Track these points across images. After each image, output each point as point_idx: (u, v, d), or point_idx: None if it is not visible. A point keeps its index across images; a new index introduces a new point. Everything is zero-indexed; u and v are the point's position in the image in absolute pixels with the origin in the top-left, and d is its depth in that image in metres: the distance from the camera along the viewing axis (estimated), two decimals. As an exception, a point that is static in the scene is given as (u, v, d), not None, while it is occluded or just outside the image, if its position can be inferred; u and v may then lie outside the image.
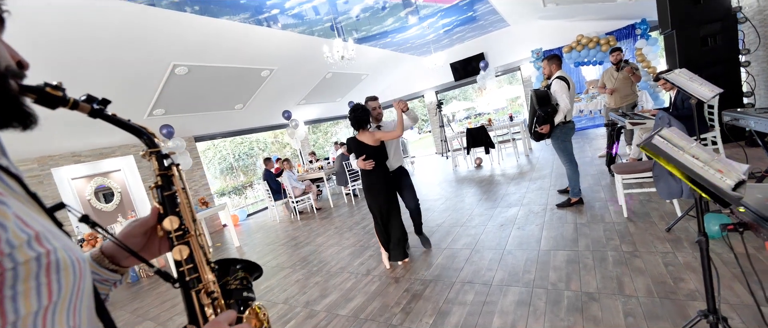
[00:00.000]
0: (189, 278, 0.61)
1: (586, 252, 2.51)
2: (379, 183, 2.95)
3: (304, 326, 2.44)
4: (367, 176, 2.99)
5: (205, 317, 0.60)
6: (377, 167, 2.94)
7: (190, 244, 0.62)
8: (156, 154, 0.62)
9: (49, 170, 4.96)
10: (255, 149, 13.60)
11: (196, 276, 0.61)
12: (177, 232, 0.62)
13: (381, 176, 2.95)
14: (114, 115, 0.58)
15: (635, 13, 6.75)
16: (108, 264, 0.62)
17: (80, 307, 0.45)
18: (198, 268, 0.62)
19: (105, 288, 0.63)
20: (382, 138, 2.90)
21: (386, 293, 2.62)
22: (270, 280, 3.51)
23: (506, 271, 2.51)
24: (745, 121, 2.59)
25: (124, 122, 0.60)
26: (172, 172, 0.67)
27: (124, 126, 0.60)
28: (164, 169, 0.63)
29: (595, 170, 4.63)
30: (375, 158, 2.91)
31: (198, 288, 0.60)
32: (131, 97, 4.77)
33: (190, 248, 0.62)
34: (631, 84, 4.80)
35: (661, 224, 2.65)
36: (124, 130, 0.61)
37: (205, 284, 0.61)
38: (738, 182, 1.24)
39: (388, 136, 2.90)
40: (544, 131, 3.34)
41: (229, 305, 0.65)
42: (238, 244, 5.36)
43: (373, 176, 2.95)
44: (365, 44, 7.06)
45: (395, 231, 3.01)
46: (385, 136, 2.90)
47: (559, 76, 3.35)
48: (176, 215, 0.63)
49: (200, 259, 0.63)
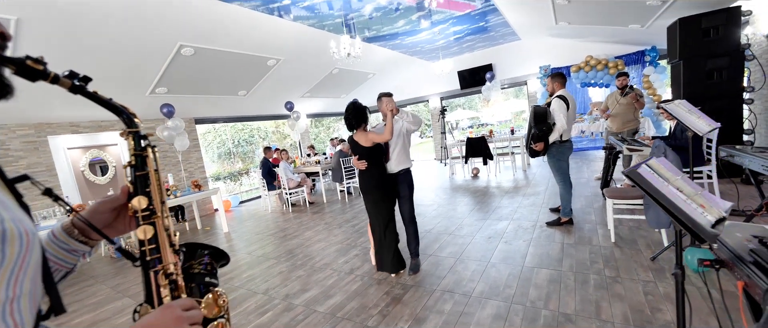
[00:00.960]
0: (150, 258, 0.61)
1: (569, 273, 2.51)
2: (371, 184, 2.86)
3: (280, 318, 2.44)
4: (362, 176, 2.92)
5: (160, 299, 0.60)
6: (371, 168, 2.84)
7: (155, 225, 0.63)
8: (134, 134, 0.63)
9: (45, 138, 4.96)
10: (255, 137, 13.60)
11: (157, 256, 0.61)
12: (144, 212, 0.62)
13: (375, 178, 2.85)
14: (95, 93, 0.58)
15: (646, 39, 6.75)
16: (77, 236, 0.63)
17: (22, 278, 0.45)
18: (160, 249, 0.62)
19: (73, 258, 0.63)
20: (375, 140, 2.79)
21: (366, 294, 2.61)
22: (254, 269, 3.50)
23: (488, 284, 2.51)
24: (740, 159, 2.59)
25: (105, 100, 0.60)
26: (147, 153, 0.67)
27: (105, 104, 0.60)
28: (140, 149, 0.64)
29: (590, 191, 4.63)
30: (368, 159, 2.82)
31: (157, 268, 0.61)
32: (135, 73, 4.77)
33: (155, 229, 0.62)
34: (634, 110, 4.80)
35: (647, 252, 2.65)
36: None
37: (165, 266, 0.61)
38: (718, 218, 1.24)
39: (379, 138, 2.78)
40: (538, 148, 3.34)
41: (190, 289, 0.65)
42: (226, 230, 5.36)
43: (366, 176, 2.87)
44: (375, 43, 7.07)
45: (387, 239, 2.86)
46: (377, 138, 2.78)
47: (559, 95, 3.35)
48: (145, 196, 0.63)
49: (163, 241, 0.63)
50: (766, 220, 2.70)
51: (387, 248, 2.86)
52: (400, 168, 2.93)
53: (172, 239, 0.65)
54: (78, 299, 3.33)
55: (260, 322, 2.43)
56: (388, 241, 2.86)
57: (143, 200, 0.62)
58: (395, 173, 2.93)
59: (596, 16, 5.58)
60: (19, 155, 4.71)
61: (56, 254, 0.62)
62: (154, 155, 0.67)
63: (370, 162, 2.83)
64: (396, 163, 2.92)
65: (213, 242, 4.72)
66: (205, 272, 0.70)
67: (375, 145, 2.83)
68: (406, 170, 2.96)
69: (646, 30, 5.75)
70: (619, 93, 4.86)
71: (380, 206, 2.85)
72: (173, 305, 0.57)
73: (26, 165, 4.78)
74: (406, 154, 2.97)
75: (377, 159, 2.87)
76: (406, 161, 2.96)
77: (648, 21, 5.21)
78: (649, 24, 5.32)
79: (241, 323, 2.45)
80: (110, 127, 5.70)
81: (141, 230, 0.61)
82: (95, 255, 5.03)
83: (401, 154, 2.93)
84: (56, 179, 5.06)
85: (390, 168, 2.93)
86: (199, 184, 5.14)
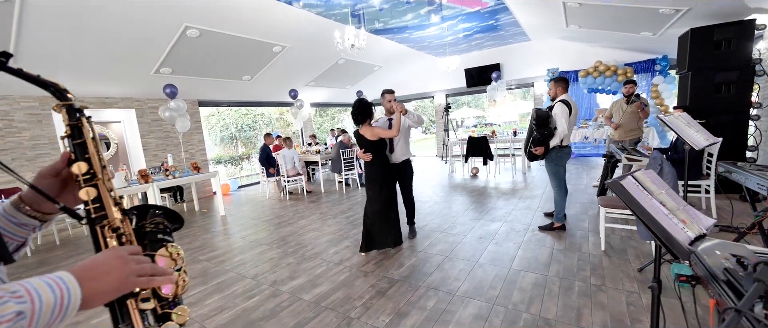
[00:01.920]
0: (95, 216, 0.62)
1: (554, 278, 2.51)
2: (376, 174, 3.19)
3: (266, 303, 2.47)
4: (368, 166, 3.25)
5: None
6: (375, 159, 3.17)
7: (97, 186, 0.64)
8: (67, 107, 0.63)
9: (49, 111, 5.01)
10: (259, 123, 13.61)
11: (102, 214, 0.62)
12: (85, 176, 0.63)
13: (378, 168, 3.18)
14: (20, 69, 0.58)
15: (657, 48, 6.63)
16: (25, 209, 0.64)
17: None
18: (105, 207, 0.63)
19: (24, 232, 0.65)
20: (381, 135, 3.10)
21: (352, 285, 2.64)
22: (245, 254, 3.55)
23: (473, 283, 2.53)
24: (738, 176, 2.56)
25: (32, 76, 0.60)
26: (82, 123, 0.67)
27: (32, 80, 0.60)
28: (74, 120, 0.64)
29: (586, 198, 4.61)
30: (373, 152, 3.15)
31: (103, 224, 0.62)
32: (140, 52, 4.78)
33: (97, 189, 0.63)
34: (638, 119, 4.74)
35: (635, 263, 2.65)
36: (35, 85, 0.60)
37: (110, 221, 0.62)
38: (698, 235, 1.24)
39: (385, 134, 3.10)
40: (538, 153, 3.32)
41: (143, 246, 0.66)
42: (223, 213, 5.42)
43: (372, 167, 3.20)
44: (382, 36, 7.01)
45: (388, 219, 3.18)
46: (382, 133, 3.10)
47: (562, 99, 3.32)
48: (85, 161, 0.64)
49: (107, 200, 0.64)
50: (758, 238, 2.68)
51: (392, 225, 3.21)
52: (403, 158, 3.41)
53: (116, 199, 0.66)
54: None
55: (246, 306, 2.47)
56: (392, 220, 3.21)
57: (83, 166, 0.63)
58: (399, 163, 3.40)
59: (608, 21, 5.48)
60: (22, 127, 4.77)
61: (6, 228, 0.64)
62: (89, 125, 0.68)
63: (374, 154, 3.16)
64: (399, 154, 3.38)
65: (209, 225, 4.80)
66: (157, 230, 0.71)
67: (379, 139, 3.14)
68: (407, 160, 3.46)
69: (657, 38, 5.65)
70: (625, 101, 4.80)
71: (384, 192, 3.18)
72: (118, 247, 0.58)
73: (29, 137, 4.84)
74: (407, 146, 3.46)
75: (381, 151, 3.20)
76: (407, 153, 3.45)
77: (660, 29, 5.11)
78: (661, 32, 5.22)
79: (227, 305, 2.49)
80: (114, 104, 5.74)
81: (83, 191, 0.62)
82: (93, 229, 5.12)
83: (403, 146, 3.40)
84: (58, 152, 5.12)
85: (393, 159, 3.37)
86: (198, 166, 5.18)
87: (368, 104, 3.18)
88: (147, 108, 6.13)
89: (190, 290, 2.77)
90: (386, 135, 3.09)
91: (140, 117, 6.08)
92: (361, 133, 3.15)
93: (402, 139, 3.36)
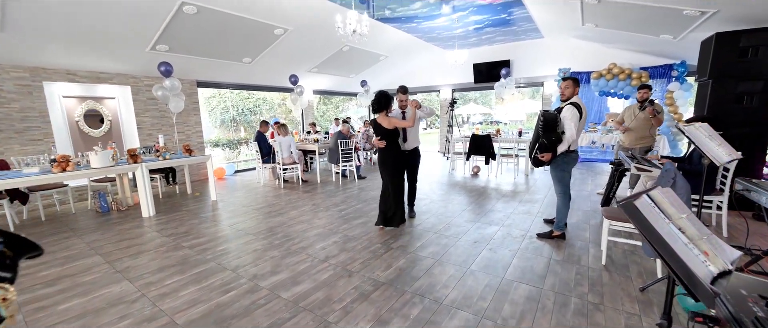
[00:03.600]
0: None
1: (549, 292, 2.35)
2: (389, 159, 3.60)
3: (241, 299, 2.34)
4: (382, 152, 3.65)
5: None
6: (389, 146, 3.58)
7: None
8: None
9: (40, 83, 4.87)
10: (261, 107, 13.42)
11: None
12: None
13: (391, 153, 3.59)
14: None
15: (676, 52, 6.32)
16: None
17: None
18: None
19: None
20: (397, 125, 3.53)
21: (334, 286, 2.50)
22: (230, 243, 3.42)
23: (462, 292, 2.37)
24: (758, 195, 2.35)
25: None
26: None
27: None
28: None
29: (589, 206, 4.41)
30: (387, 139, 3.55)
31: None
32: (135, 28, 4.59)
33: None
34: (651, 126, 4.51)
35: (638, 281, 2.47)
36: None
37: None
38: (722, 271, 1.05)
39: (400, 124, 3.56)
40: (545, 159, 3.11)
41: None
42: (214, 198, 5.30)
43: (385, 152, 3.61)
44: (390, 24, 6.76)
45: (398, 198, 3.64)
46: (398, 123, 3.54)
47: (573, 102, 3.10)
48: None
49: None
50: (773, 263, 2.49)
51: (397, 205, 3.65)
52: (413, 146, 3.85)
53: None
54: (51, 251, 3.29)
55: (221, 300, 2.34)
56: (398, 200, 3.66)
57: None
58: (410, 150, 3.82)
59: (626, 21, 5.18)
60: (11, 98, 4.64)
61: None
62: None
63: (388, 141, 3.56)
64: (410, 142, 3.81)
65: (198, 210, 4.69)
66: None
67: (394, 129, 3.56)
68: (416, 148, 3.88)
69: (678, 42, 5.35)
70: (638, 106, 4.57)
71: (394, 175, 3.61)
72: None
73: (19, 109, 4.72)
74: (417, 136, 3.88)
75: (394, 139, 3.61)
76: (417, 141, 3.88)
77: (682, 32, 4.82)
78: (683, 36, 4.93)
79: (201, 298, 2.36)
80: (109, 80, 5.59)
81: None
82: (81, 207, 5.03)
83: (413, 136, 3.83)
84: (49, 126, 5.00)
85: (405, 146, 3.79)
86: (190, 148, 5.04)
87: (388, 97, 3.54)
88: (143, 86, 5.97)
89: (166, 280, 2.65)
90: (400, 125, 3.55)
91: (136, 95, 5.93)
92: (378, 122, 3.55)
93: (413, 129, 3.76)
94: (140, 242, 3.49)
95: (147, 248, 3.34)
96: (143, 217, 4.39)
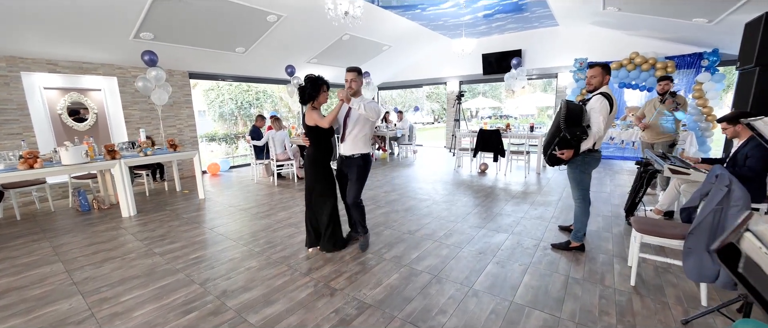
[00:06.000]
0: None
1: (569, 322, 1.94)
2: (308, 163, 2.84)
3: (202, 324, 1.99)
4: (308, 153, 2.84)
5: None
6: (312, 147, 2.80)
7: None
8: None
9: (18, 73, 4.59)
10: (261, 100, 13.09)
11: None
12: None
13: (313, 157, 2.80)
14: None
15: (708, 39, 5.72)
16: None
17: None
18: None
19: None
20: (316, 122, 2.68)
21: (313, 308, 2.14)
22: (206, 250, 3.09)
23: (462, 320, 1.98)
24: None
25: None
26: None
27: None
28: None
29: (610, 210, 3.95)
30: (310, 138, 2.78)
31: None
32: (115, 12, 4.25)
33: None
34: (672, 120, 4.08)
35: (677, 309, 2.04)
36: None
37: None
38: None
39: (319, 122, 2.67)
40: (565, 157, 2.67)
41: None
42: (202, 196, 4.99)
43: (312, 154, 2.81)
44: (393, 11, 6.30)
45: (323, 219, 2.85)
46: (316, 121, 2.68)
47: (603, 92, 2.63)
48: None
49: None
50: None
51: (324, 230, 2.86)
52: (354, 152, 2.83)
53: None
54: (12, 257, 3.00)
55: (178, 323, 2.00)
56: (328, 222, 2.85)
57: None
58: (347, 156, 2.86)
59: (653, 3, 4.63)
60: (-14, 89, 4.37)
61: None
62: None
63: (312, 141, 2.78)
64: (350, 146, 2.83)
65: (182, 210, 4.35)
66: None
67: (316, 126, 2.71)
68: (361, 155, 2.84)
69: (713, 26, 4.78)
70: (659, 99, 4.13)
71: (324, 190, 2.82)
72: None
73: (-6, 100, 4.45)
74: (365, 140, 2.84)
75: (322, 140, 2.78)
76: (363, 147, 2.84)
77: (720, 15, 4.26)
78: (721, 18, 4.37)
79: (156, 321, 2.02)
80: (93, 71, 5.29)
81: None
82: (61, 205, 4.77)
83: (357, 139, 2.81)
84: (28, 119, 4.73)
85: (342, 150, 2.88)
86: (175, 144, 4.72)
87: (316, 84, 2.66)
88: (130, 77, 5.66)
89: (123, 295, 2.32)
90: (321, 123, 2.66)
91: (123, 86, 5.63)
92: (304, 114, 2.80)
93: (355, 129, 2.77)
94: (110, 247, 3.18)
95: (115, 254, 3.02)
96: (123, 217, 4.10)
